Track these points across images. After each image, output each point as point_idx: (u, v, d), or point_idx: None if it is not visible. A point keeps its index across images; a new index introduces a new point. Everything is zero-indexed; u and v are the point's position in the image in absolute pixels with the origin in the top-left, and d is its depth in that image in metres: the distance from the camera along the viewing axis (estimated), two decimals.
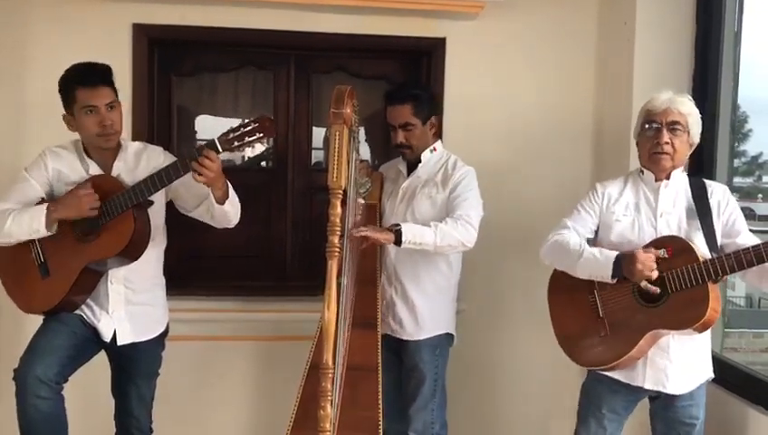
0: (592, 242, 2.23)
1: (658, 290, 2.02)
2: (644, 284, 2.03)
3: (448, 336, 2.59)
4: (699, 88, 2.75)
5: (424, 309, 2.51)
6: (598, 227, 2.25)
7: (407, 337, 2.53)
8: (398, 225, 2.34)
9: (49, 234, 2.18)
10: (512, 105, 3.10)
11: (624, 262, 2.04)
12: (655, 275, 2.01)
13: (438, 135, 2.68)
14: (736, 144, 2.85)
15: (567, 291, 2.23)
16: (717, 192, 2.16)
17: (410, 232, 2.32)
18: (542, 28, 3.09)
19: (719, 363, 2.57)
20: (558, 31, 3.10)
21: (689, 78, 2.79)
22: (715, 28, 2.69)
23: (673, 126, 2.10)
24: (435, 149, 2.60)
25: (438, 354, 2.54)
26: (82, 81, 2.20)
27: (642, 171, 2.21)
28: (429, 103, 2.60)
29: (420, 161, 2.59)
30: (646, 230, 2.15)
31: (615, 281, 2.08)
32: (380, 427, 2.03)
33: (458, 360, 2.72)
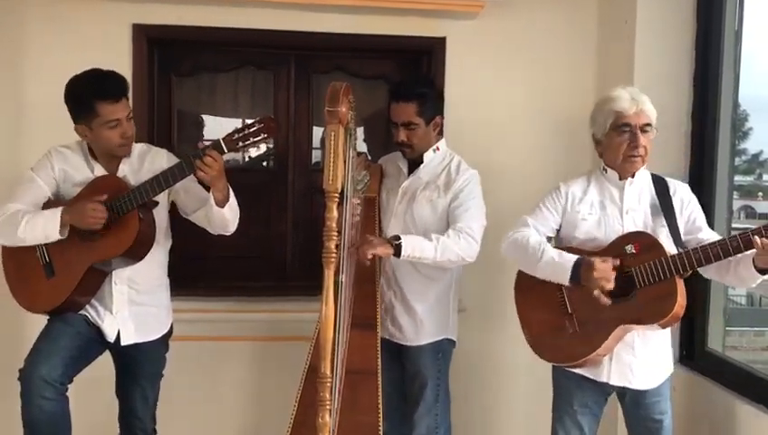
0: (555, 241, 2.23)
1: (609, 302, 2.02)
2: (596, 292, 2.02)
3: (449, 341, 2.55)
4: (700, 86, 2.75)
5: (424, 314, 2.48)
6: (560, 226, 2.25)
7: (407, 342, 2.50)
8: (399, 238, 2.29)
9: (61, 238, 2.18)
10: (512, 105, 3.09)
11: (582, 268, 2.04)
12: (611, 286, 2.01)
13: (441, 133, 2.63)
14: (737, 142, 2.84)
15: (535, 288, 2.22)
16: (680, 190, 2.19)
17: (410, 245, 2.28)
18: (542, 27, 3.09)
19: (720, 362, 2.58)
20: (558, 30, 3.10)
21: (690, 77, 2.78)
22: (715, 26, 2.69)
23: (645, 128, 2.12)
24: (437, 149, 2.54)
25: (441, 359, 2.51)
26: (104, 94, 2.17)
27: (606, 170, 2.22)
28: (435, 103, 2.53)
29: (422, 161, 2.53)
30: (612, 227, 2.16)
31: (572, 285, 2.08)
32: (380, 432, 2.02)
33: (460, 361, 2.71)
